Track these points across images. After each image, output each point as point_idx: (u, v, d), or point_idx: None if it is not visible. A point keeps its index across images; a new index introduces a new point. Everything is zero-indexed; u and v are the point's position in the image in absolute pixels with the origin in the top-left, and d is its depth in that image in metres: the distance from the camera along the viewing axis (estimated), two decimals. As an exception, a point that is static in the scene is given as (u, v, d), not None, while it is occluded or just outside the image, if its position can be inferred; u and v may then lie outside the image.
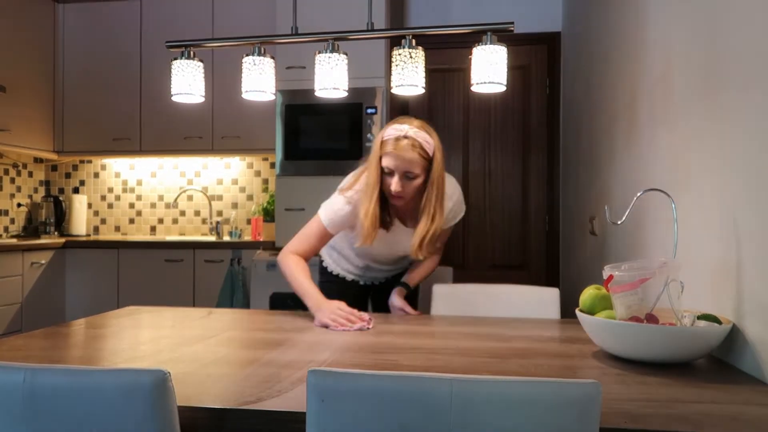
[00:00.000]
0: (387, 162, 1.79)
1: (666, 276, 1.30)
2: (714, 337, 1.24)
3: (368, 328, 1.66)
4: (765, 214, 1.18)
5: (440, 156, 1.83)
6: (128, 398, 0.87)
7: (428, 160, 1.81)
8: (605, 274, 1.36)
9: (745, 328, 1.25)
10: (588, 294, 1.45)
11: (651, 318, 1.31)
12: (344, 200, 1.90)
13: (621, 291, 1.33)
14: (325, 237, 1.95)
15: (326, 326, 1.67)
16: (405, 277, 2.10)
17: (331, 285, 2.15)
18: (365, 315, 1.73)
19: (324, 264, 2.23)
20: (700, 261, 1.49)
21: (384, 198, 1.87)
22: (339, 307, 1.72)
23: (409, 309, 1.98)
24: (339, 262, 2.18)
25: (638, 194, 1.48)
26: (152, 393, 0.87)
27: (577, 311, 1.40)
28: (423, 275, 2.13)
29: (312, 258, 1.97)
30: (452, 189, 1.95)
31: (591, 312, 1.40)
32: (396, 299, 2.01)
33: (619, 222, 1.53)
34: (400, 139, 1.78)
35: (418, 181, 1.81)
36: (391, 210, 1.92)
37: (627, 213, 1.49)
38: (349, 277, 2.18)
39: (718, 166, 1.40)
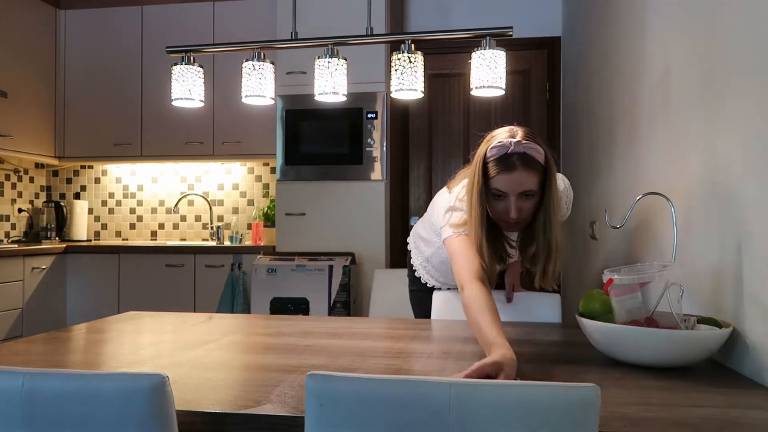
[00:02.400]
0: (498, 184, 1.53)
1: (666, 280, 1.30)
2: (714, 341, 1.24)
3: None
4: (765, 216, 1.18)
5: (552, 164, 1.57)
6: (127, 402, 0.87)
7: (543, 172, 1.55)
8: (605, 277, 1.36)
9: (745, 332, 1.25)
10: (588, 298, 1.45)
11: (651, 322, 1.31)
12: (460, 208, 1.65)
13: (621, 295, 1.33)
14: (470, 243, 1.59)
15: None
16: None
17: (420, 293, 2.07)
18: None
19: (417, 274, 2.08)
20: (701, 264, 1.49)
21: (490, 227, 1.59)
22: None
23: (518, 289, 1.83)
24: (430, 270, 2.05)
25: (638, 198, 1.48)
26: (151, 397, 0.87)
27: (576, 315, 1.40)
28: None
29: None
30: (561, 183, 1.73)
31: (591, 316, 1.40)
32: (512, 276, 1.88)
33: (618, 226, 1.53)
34: (509, 155, 1.51)
35: (536, 198, 1.56)
36: (502, 237, 1.66)
37: (627, 217, 1.49)
38: (437, 285, 2.07)
39: (718, 170, 1.40)
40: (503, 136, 1.56)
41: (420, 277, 2.09)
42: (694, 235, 1.52)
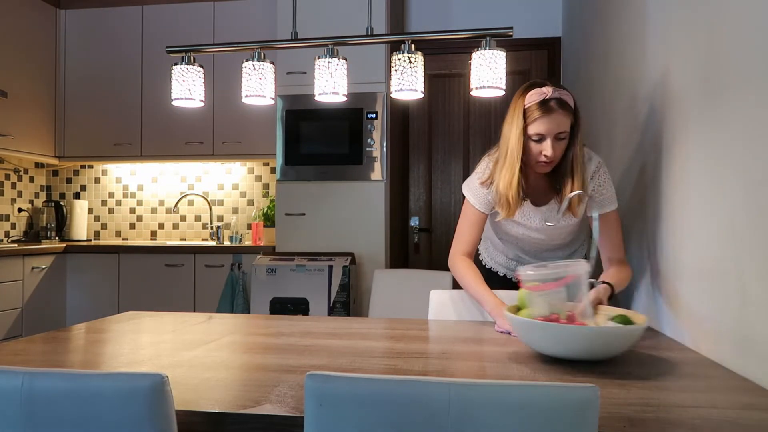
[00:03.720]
0: (537, 128, 1.71)
1: (583, 277, 1.39)
2: (626, 336, 1.28)
3: None
4: (763, 217, 1.18)
5: (578, 109, 1.77)
6: (126, 402, 0.87)
7: (574, 116, 1.74)
8: (520, 274, 1.45)
9: (745, 332, 1.25)
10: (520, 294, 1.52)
11: (570, 318, 1.39)
12: (486, 168, 1.86)
13: (545, 290, 1.42)
14: (480, 220, 1.90)
15: (508, 333, 1.64)
16: (605, 277, 1.77)
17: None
18: None
19: (480, 257, 2.19)
20: (700, 264, 1.49)
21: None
22: None
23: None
24: (491, 253, 2.15)
25: (568, 196, 1.51)
26: (150, 397, 0.87)
27: (504, 311, 1.45)
28: (621, 281, 1.79)
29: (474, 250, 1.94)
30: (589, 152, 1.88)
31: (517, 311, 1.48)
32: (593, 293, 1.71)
33: (550, 224, 1.56)
34: (547, 101, 1.70)
35: (566, 141, 1.75)
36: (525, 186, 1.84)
37: (559, 214, 1.53)
38: (501, 271, 2.13)
39: (717, 170, 1.40)
40: (536, 86, 1.74)
41: (482, 260, 2.19)
42: (693, 233, 1.52)
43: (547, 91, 1.71)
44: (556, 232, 1.91)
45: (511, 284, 2.11)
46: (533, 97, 1.72)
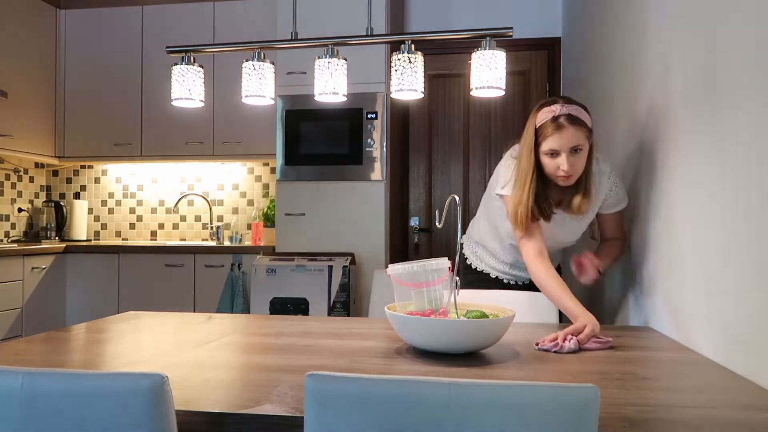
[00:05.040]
0: (550, 144, 1.75)
1: (451, 275, 1.48)
2: (472, 329, 1.35)
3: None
4: (763, 216, 1.18)
5: (592, 121, 1.81)
6: (126, 402, 0.87)
7: (589, 129, 1.78)
8: (390, 271, 1.53)
9: (745, 332, 1.25)
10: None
11: (443, 312, 1.47)
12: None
13: (423, 287, 1.50)
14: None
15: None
16: (599, 254, 1.97)
17: (471, 284, 2.12)
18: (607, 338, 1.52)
19: (468, 261, 2.20)
20: (700, 264, 1.49)
21: (539, 186, 1.82)
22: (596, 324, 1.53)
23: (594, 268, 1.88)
24: (483, 258, 2.16)
25: (447, 200, 1.53)
26: (150, 397, 0.87)
27: (385, 308, 1.48)
28: (612, 258, 2.00)
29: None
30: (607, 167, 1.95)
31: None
32: (586, 258, 1.89)
33: (439, 225, 1.57)
34: (558, 117, 1.75)
35: (585, 153, 1.78)
36: (549, 198, 1.87)
37: (443, 217, 1.57)
38: (493, 273, 2.15)
39: (716, 170, 1.40)
40: (547, 104, 1.79)
41: (470, 264, 2.19)
42: (692, 234, 1.52)
43: (556, 109, 1.75)
44: (567, 236, 2.00)
45: (506, 286, 2.15)
46: (544, 115, 1.77)
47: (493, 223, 2.07)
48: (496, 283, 2.15)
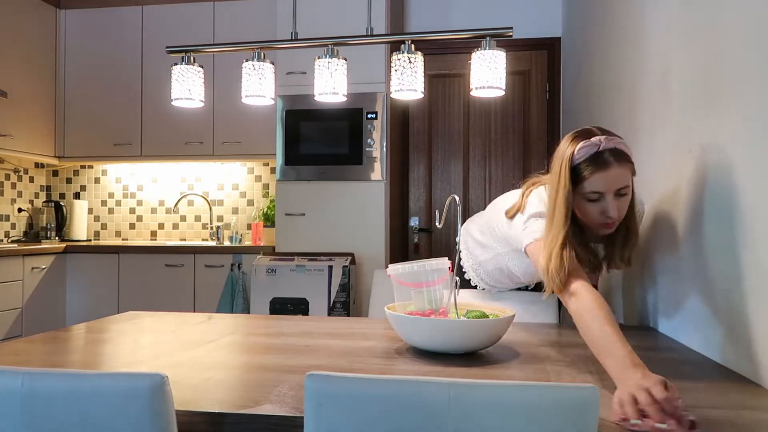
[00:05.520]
0: (594, 185, 1.44)
1: (451, 275, 1.47)
2: (484, 329, 1.35)
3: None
4: (762, 216, 1.18)
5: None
6: (126, 402, 0.87)
7: (633, 166, 1.50)
8: (389, 271, 1.52)
9: (745, 333, 1.25)
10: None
11: (442, 313, 1.47)
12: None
13: (423, 287, 1.50)
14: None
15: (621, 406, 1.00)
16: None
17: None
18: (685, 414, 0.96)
19: (466, 276, 2.00)
20: (700, 264, 1.49)
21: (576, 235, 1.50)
22: (657, 383, 1.01)
23: None
24: (485, 279, 1.96)
25: (447, 201, 1.52)
26: (150, 397, 0.87)
27: (385, 308, 1.48)
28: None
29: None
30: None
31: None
32: None
33: (440, 225, 1.56)
34: (602, 153, 1.44)
35: (630, 194, 1.51)
36: (589, 245, 1.60)
37: (443, 217, 1.55)
38: (486, 288, 1.99)
39: (716, 169, 1.40)
40: (584, 138, 1.47)
41: (470, 279, 2.00)
42: (692, 234, 1.52)
43: (599, 142, 1.44)
44: None
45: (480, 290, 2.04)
46: (583, 151, 1.45)
47: (506, 271, 1.85)
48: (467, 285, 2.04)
